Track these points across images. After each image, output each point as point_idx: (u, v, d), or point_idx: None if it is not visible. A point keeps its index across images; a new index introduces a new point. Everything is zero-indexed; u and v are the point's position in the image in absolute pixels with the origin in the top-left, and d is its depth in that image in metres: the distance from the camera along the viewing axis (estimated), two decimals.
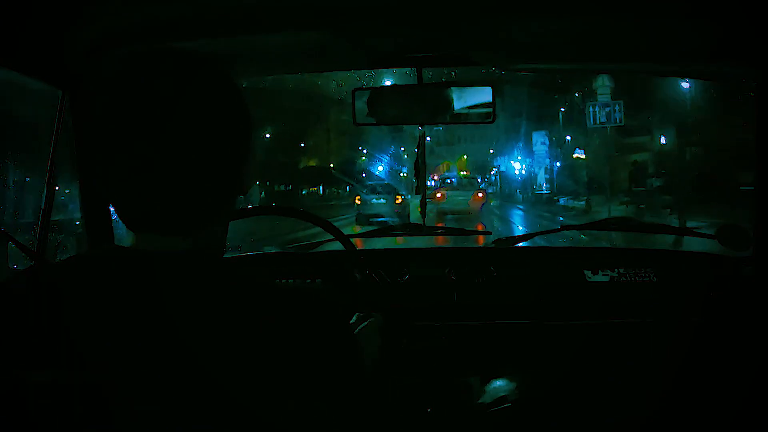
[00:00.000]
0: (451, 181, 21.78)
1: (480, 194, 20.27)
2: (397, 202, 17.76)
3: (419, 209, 2.20)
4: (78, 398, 0.71)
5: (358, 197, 18.79)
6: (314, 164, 32.83)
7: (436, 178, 24.29)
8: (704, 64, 1.76)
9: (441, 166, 33.86)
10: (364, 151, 31.47)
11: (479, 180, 24.24)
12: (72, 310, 0.73)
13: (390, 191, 18.44)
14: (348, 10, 1.41)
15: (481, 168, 38.90)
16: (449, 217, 15.99)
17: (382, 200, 17.74)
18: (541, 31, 1.56)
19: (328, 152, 33.23)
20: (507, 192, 33.63)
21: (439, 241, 5.10)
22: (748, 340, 1.62)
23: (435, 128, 24.98)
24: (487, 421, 1.74)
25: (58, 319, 0.73)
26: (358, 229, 12.55)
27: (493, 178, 38.48)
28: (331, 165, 32.57)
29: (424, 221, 2.17)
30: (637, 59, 1.80)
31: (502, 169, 37.68)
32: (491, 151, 40.18)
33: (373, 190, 18.76)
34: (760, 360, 1.57)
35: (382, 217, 16.05)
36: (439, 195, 18.98)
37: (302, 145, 30.55)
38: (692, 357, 1.67)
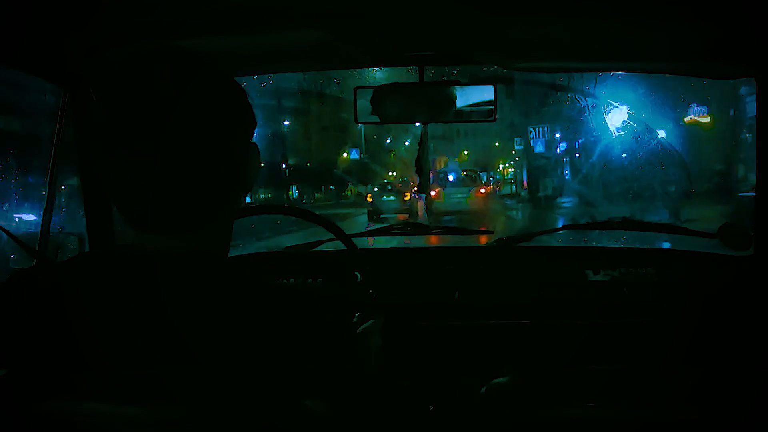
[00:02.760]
0: (445, 176, 19.18)
1: (482, 189, 19.09)
2: (405, 198, 18.19)
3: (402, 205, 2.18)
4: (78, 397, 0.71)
5: (370, 195, 19.48)
6: (292, 163, 28.71)
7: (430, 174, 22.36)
8: (704, 64, 1.76)
9: (437, 161, 32.58)
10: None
11: (483, 175, 21.00)
12: (74, 310, 0.74)
13: (400, 189, 18.99)
14: (349, 8, 1.40)
15: (486, 164, 34.52)
16: (446, 218, 15.12)
17: (392, 197, 18.43)
18: (542, 30, 1.56)
19: (307, 150, 29.60)
20: (540, 194, 20.20)
21: (441, 240, 5.09)
22: (749, 339, 1.62)
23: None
24: (486, 421, 1.75)
25: (59, 318, 0.73)
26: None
27: (507, 173, 31.50)
28: (308, 163, 29.52)
29: (429, 219, 2.17)
30: (638, 59, 1.80)
31: (536, 150, 23.14)
32: (496, 144, 36.45)
33: (383, 189, 19.45)
34: (761, 360, 1.57)
35: (392, 213, 16.54)
36: (433, 193, 16.79)
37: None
38: (693, 357, 1.67)
